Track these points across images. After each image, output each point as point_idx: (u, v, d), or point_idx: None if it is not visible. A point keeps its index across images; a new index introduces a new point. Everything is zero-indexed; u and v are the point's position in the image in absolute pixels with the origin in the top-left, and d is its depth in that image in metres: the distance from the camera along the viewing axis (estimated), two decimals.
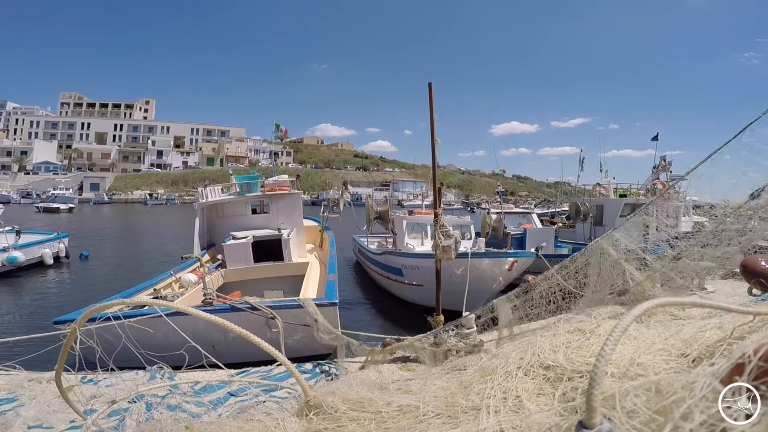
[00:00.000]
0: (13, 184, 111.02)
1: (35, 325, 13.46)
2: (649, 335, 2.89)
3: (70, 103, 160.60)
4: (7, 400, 5.18)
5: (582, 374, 2.72)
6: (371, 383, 4.41)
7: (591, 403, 1.59)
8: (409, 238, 19.46)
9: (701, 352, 2.48)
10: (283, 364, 3.25)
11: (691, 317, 3.49)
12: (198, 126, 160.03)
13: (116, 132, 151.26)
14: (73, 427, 4.44)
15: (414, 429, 2.71)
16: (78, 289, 20.06)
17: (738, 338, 2.35)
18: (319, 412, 3.04)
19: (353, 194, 42.47)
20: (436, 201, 8.64)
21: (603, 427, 1.59)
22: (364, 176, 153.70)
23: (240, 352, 5.62)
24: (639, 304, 1.84)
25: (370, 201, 25.21)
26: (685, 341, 2.68)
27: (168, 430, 2.92)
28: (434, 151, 8.78)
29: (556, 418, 2.33)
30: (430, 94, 8.41)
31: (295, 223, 19.08)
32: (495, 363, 3.30)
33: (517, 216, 26.76)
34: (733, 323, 2.51)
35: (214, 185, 20.50)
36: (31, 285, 21.06)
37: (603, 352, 1.66)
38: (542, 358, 3.01)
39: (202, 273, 13.57)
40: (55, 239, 26.33)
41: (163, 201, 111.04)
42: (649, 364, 2.53)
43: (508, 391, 2.80)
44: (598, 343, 2.99)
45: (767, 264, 4.98)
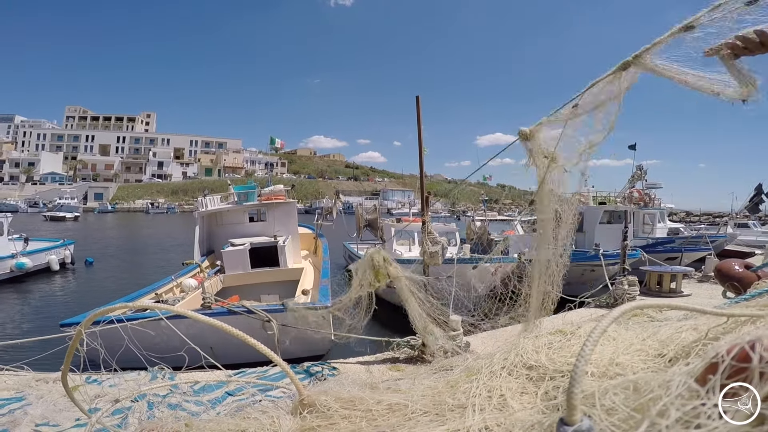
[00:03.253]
0: (21, 194, 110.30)
1: (42, 328, 13.34)
2: (627, 336, 2.89)
3: (75, 117, 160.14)
4: (16, 399, 5.14)
5: (563, 374, 2.72)
6: (362, 383, 4.40)
7: (572, 401, 1.59)
8: (397, 245, 19.44)
9: (677, 352, 2.48)
10: (278, 365, 3.23)
11: (668, 319, 3.49)
12: (197, 138, 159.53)
13: (119, 144, 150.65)
14: (78, 425, 4.41)
15: (403, 426, 2.70)
16: (83, 294, 19.93)
17: (712, 339, 2.35)
18: (313, 410, 3.03)
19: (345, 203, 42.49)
20: (424, 209, 8.63)
21: (583, 424, 1.59)
22: (355, 186, 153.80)
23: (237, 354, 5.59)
24: (618, 307, 1.83)
25: (360, 209, 25.24)
26: (661, 342, 2.68)
27: (169, 428, 2.90)
28: (422, 162, 8.79)
29: (538, 416, 2.33)
30: (418, 107, 8.42)
31: (290, 230, 19.04)
32: (480, 363, 3.29)
33: (501, 223, 26.77)
34: (708, 325, 2.52)
35: (213, 195, 20.43)
36: (38, 290, 20.86)
37: (583, 353, 1.65)
38: (525, 358, 3.01)
39: (202, 278, 13.52)
40: (61, 246, 26.16)
41: (164, 210, 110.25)
42: (628, 363, 2.53)
43: (492, 390, 2.80)
44: (578, 344, 2.99)
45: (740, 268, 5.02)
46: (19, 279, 22.11)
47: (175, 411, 4.42)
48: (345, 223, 24.35)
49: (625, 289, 11.48)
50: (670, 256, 21.20)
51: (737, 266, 5.07)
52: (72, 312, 12.52)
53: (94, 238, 45.93)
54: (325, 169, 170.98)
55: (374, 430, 2.75)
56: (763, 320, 2.18)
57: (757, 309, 2.36)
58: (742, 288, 4.43)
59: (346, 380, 5.41)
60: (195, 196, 60.50)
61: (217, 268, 15.78)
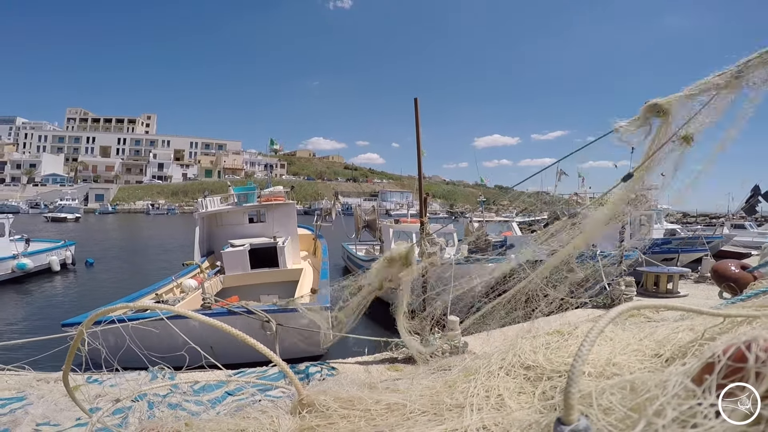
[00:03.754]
0: (22, 195, 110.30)
1: (43, 328, 13.29)
2: (624, 337, 2.89)
3: (76, 119, 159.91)
4: (17, 398, 5.15)
5: (560, 374, 2.71)
6: (361, 383, 4.41)
7: (569, 401, 1.59)
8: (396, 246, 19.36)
9: (674, 352, 2.48)
10: (277, 365, 3.23)
11: (665, 319, 3.49)
12: (197, 140, 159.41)
13: (119, 146, 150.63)
14: (79, 425, 4.42)
15: (401, 426, 2.70)
16: (84, 294, 19.88)
17: (709, 339, 2.35)
18: (312, 410, 3.03)
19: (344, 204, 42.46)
20: (422, 210, 8.61)
21: (580, 424, 1.59)
22: (354, 187, 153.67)
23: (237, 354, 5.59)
24: (615, 307, 1.83)
25: (358, 210, 25.22)
26: (658, 342, 2.68)
27: (169, 427, 2.89)
28: (420, 163, 8.78)
29: (536, 416, 2.33)
30: (416, 109, 8.40)
31: (290, 231, 19.03)
32: (478, 363, 3.29)
33: (498, 224, 26.71)
34: (704, 325, 2.51)
35: (213, 196, 20.44)
36: (39, 290, 20.83)
37: (580, 353, 1.65)
38: (523, 358, 3.01)
39: (202, 279, 13.53)
40: (62, 247, 26.14)
41: (164, 211, 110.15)
42: (625, 363, 2.52)
43: (490, 389, 2.79)
44: (575, 345, 2.98)
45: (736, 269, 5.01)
46: (20, 279, 22.08)
47: (175, 410, 4.42)
48: (344, 224, 24.31)
49: (622, 289, 11.49)
50: (667, 256, 21.19)
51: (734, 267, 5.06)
52: (73, 312, 12.48)
53: (94, 239, 45.81)
54: (324, 170, 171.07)
55: (373, 429, 2.74)
56: (760, 321, 2.18)
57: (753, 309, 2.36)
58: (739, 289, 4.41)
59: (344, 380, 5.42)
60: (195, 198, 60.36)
61: (217, 269, 15.77)
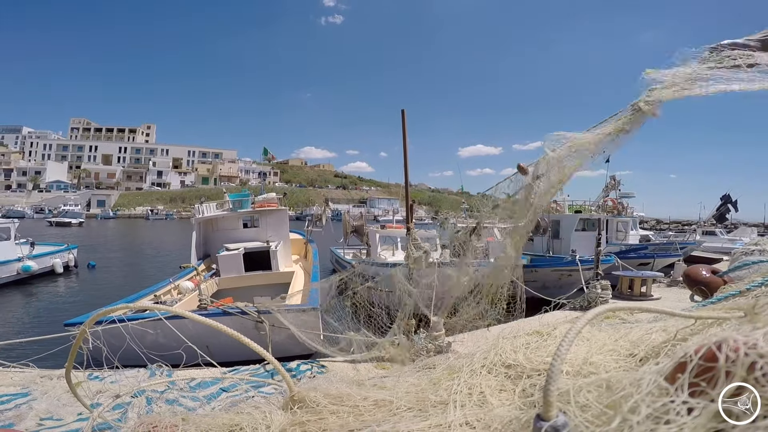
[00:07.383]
0: (27, 201, 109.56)
1: (47, 328, 13.20)
2: (600, 337, 2.89)
3: (80, 128, 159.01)
4: (22, 394, 5.15)
5: (540, 372, 2.71)
6: (350, 380, 4.39)
7: (548, 398, 1.58)
8: (382, 250, 19.44)
9: (648, 352, 2.48)
10: (270, 363, 3.21)
11: (639, 321, 3.50)
12: (194, 149, 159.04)
13: (121, 154, 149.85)
14: (80, 419, 4.41)
15: (388, 421, 2.68)
16: (86, 296, 19.73)
17: (681, 340, 2.36)
18: (303, 406, 3.01)
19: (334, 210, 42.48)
20: (409, 216, 8.62)
21: (558, 420, 1.58)
22: (344, 194, 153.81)
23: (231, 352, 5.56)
24: (591, 309, 1.83)
25: (346, 216, 25.30)
26: (633, 343, 2.68)
27: (166, 422, 2.86)
28: (407, 171, 8.78)
29: (516, 412, 2.32)
30: (403, 120, 8.41)
31: (282, 236, 19.02)
32: (461, 362, 3.28)
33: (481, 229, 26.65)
34: (677, 326, 2.52)
35: (209, 202, 20.42)
36: (43, 291, 20.71)
37: (559, 352, 1.65)
38: (504, 357, 3.00)
39: (198, 281, 13.48)
40: (65, 250, 26.06)
41: (163, 216, 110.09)
42: (601, 363, 2.52)
43: (473, 387, 2.78)
44: (554, 344, 2.98)
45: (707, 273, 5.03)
46: (25, 281, 22.06)
47: (172, 406, 4.44)
48: (333, 229, 24.42)
49: (598, 292, 11.55)
50: (642, 261, 21.30)
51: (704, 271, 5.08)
52: (75, 312, 12.39)
53: (96, 242, 45.60)
54: (315, 178, 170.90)
55: (361, 424, 2.73)
56: (729, 322, 2.19)
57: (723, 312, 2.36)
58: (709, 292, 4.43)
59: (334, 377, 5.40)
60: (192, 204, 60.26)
61: (212, 272, 15.76)
